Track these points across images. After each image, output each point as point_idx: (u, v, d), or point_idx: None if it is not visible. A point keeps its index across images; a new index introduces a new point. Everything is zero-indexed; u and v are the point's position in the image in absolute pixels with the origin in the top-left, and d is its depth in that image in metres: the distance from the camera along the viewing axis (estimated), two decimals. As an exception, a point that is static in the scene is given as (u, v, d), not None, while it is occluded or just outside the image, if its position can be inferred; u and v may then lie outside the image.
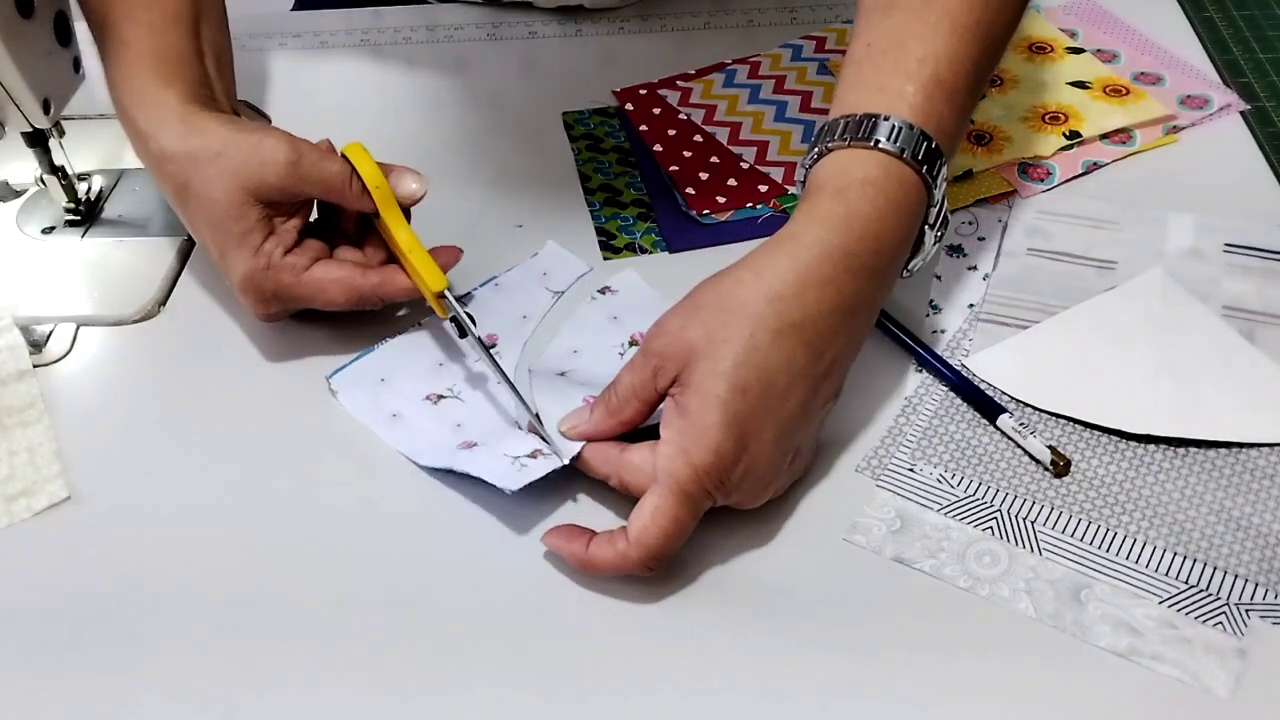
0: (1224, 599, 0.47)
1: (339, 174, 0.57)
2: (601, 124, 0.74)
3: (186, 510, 0.54)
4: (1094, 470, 0.52)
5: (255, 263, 0.57)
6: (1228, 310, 0.58)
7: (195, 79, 0.60)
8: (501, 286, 0.64)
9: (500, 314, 0.62)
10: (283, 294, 0.58)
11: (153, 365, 0.61)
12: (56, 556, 0.52)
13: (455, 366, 0.59)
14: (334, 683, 0.47)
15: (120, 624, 0.49)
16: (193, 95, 0.59)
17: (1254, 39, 2.00)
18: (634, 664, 0.47)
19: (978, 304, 0.60)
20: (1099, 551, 0.49)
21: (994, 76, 0.74)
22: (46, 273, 0.66)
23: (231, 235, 0.56)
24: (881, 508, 0.52)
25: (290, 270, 0.57)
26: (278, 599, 0.50)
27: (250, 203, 0.56)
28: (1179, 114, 0.70)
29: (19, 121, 0.62)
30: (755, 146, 0.71)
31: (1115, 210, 0.65)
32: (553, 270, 0.64)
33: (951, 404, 0.56)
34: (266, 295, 0.58)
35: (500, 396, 0.57)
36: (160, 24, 0.60)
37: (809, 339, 0.48)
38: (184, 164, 0.57)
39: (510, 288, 0.63)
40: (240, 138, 0.56)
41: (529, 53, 0.82)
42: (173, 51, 0.60)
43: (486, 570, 0.51)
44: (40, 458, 0.56)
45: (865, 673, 0.46)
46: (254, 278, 0.57)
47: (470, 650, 0.48)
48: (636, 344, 0.60)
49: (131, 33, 0.60)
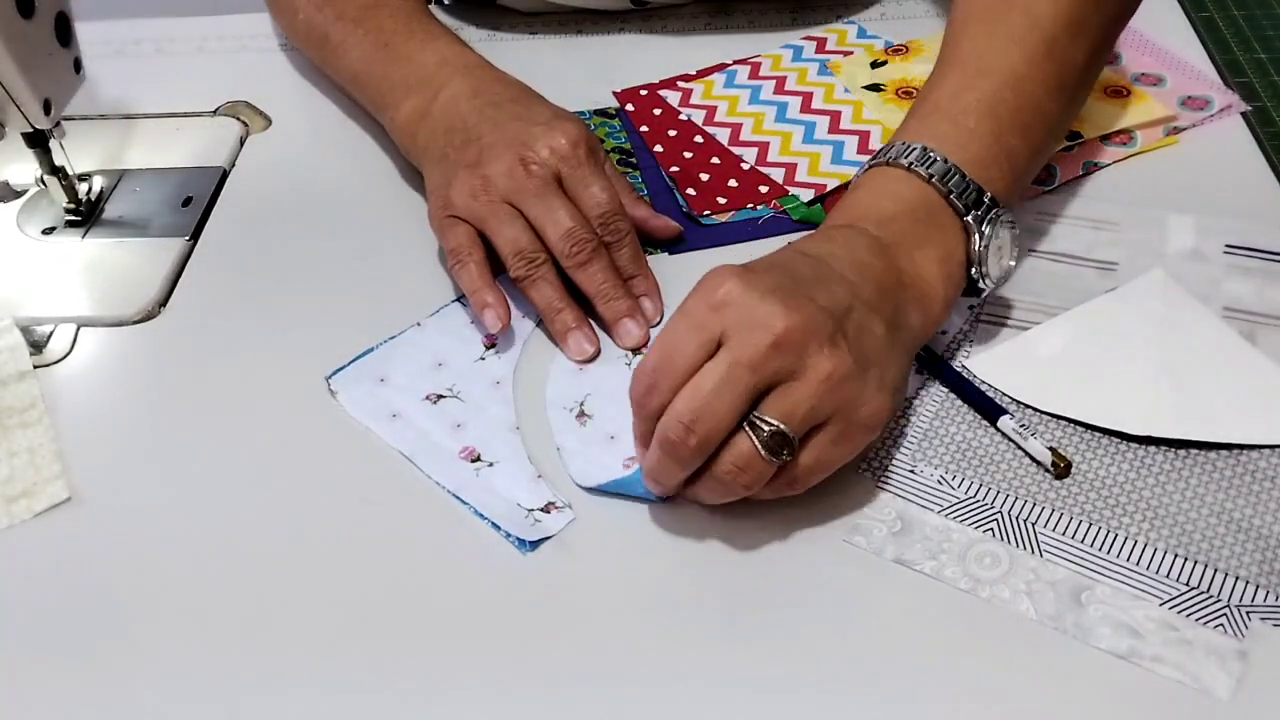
0: (1225, 601, 0.47)
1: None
2: (602, 124, 0.74)
3: (186, 510, 0.54)
4: (1095, 472, 0.52)
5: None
6: (1228, 311, 0.58)
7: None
8: (502, 285, 0.63)
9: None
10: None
11: (153, 365, 0.61)
12: (57, 557, 0.52)
13: (455, 366, 0.59)
14: (334, 682, 0.47)
15: (120, 624, 0.50)
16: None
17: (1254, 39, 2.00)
18: (634, 665, 0.47)
19: (978, 305, 0.60)
20: (1100, 553, 0.49)
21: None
22: (47, 273, 0.66)
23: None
24: (882, 509, 0.51)
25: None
26: (278, 599, 0.50)
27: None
28: (1180, 115, 0.70)
29: (19, 122, 0.62)
30: (756, 147, 0.71)
31: (1116, 211, 0.65)
32: None
33: (952, 405, 0.56)
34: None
35: (495, 400, 0.57)
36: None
37: (797, 250, 0.52)
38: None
39: (511, 286, 0.63)
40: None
41: (529, 53, 0.81)
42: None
43: (486, 570, 0.51)
44: (41, 459, 0.56)
45: (866, 674, 0.46)
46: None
47: (470, 650, 0.48)
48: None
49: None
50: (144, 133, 0.76)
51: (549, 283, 0.60)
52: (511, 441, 0.55)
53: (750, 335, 0.46)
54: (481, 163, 0.61)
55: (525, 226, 0.60)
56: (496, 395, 0.58)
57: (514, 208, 0.60)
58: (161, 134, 0.76)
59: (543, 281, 0.60)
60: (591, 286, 0.60)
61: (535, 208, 0.60)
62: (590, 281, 0.60)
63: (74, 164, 0.68)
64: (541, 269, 0.60)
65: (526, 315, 0.62)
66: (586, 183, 0.61)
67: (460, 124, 0.64)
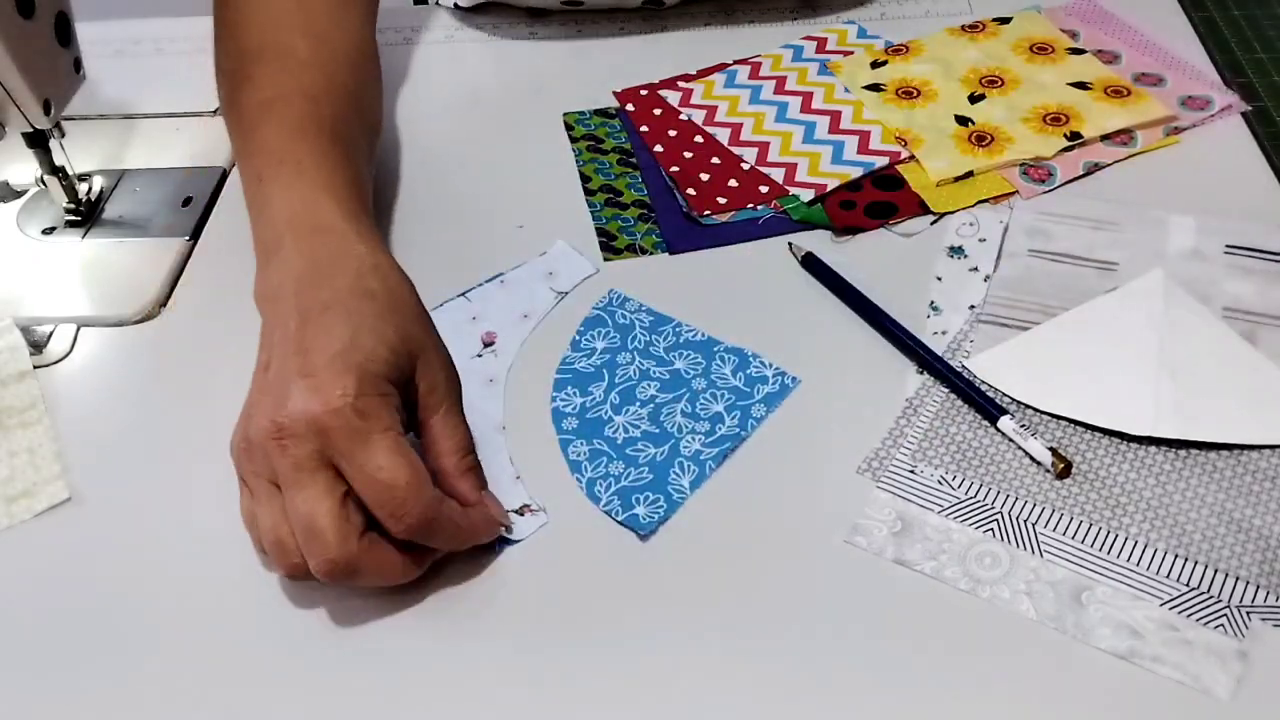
0: (1225, 601, 0.47)
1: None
2: (602, 124, 0.74)
3: (186, 510, 0.54)
4: (1095, 472, 0.52)
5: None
6: (1228, 312, 0.58)
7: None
8: (506, 283, 0.64)
9: (501, 310, 0.62)
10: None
11: (153, 365, 0.61)
12: (57, 557, 0.52)
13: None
14: (334, 683, 0.47)
15: (120, 624, 0.50)
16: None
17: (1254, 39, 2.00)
18: (633, 666, 0.47)
19: (979, 305, 0.60)
20: (1100, 553, 0.49)
21: (995, 77, 0.74)
22: (47, 273, 0.66)
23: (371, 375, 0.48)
24: (882, 509, 0.52)
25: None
26: (277, 599, 0.50)
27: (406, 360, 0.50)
28: (1180, 115, 0.70)
29: (19, 122, 0.62)
30: (756, 147, 0.71)
31: (1116, 211, 0.65)
32: (559, 270, 0.64)
33: (952, 405, 0.56)
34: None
35: (485, 397, 0.58)
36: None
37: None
38: (393, 273, 0.53)
39: (515, 285, 0.64)
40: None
41: (529, 53, 0.81)
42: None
43: (486, 570, 0.51)
44: (41, 459, 0.56)
45: (866, 674, 0.46)
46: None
47: (470, 650, 0.48)
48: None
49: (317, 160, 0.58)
50: (144, 133, 0.76)
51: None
52: (495, 440, 0.55)
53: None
54: (249, 412, 0.50)
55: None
56: (487, 393, 0.58)
57: (273, 483, 0.48)
58: (161, 134, 0.76)
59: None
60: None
61: (286, 487, 0.47)
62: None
63: (74, 164, 0.68)
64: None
65: (528, 315, 0.62)
66: (358, 458, 0.46)
67: (267, 328, 0.52)
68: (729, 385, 0.57)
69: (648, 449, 0.55)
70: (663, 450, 0.54)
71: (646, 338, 0.60)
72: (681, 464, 0.54)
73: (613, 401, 0.57)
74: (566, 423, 0.56)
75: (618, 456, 0.54)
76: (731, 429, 0.55)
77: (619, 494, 0.53)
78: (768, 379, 0.57)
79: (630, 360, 0.59)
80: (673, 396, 0.57)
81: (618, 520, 0.52)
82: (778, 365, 0.57)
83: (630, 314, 0.62)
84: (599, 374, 0.59)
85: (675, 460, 0.54)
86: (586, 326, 0.61)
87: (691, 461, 0.54)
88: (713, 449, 0.54)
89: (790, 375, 0.57)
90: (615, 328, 0.61)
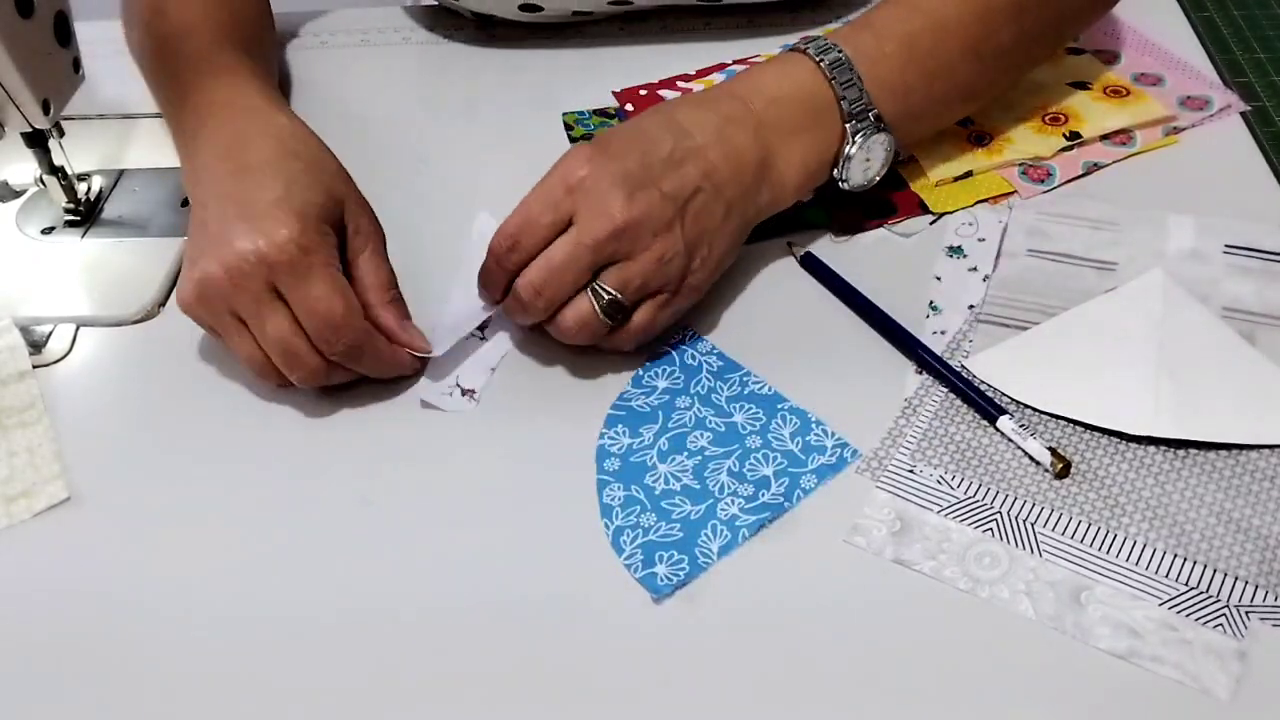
0: (1224, 601, 0.47)
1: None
2: (602, 124, 0.74)
3: (186, 511, 0.54)
4: (1094, 472, 0.52)
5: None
6: (1228, 312, 0.58)
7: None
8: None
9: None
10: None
11: (153, 365, 0.61)
12: (56, 557, 0.52)
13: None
14: (334, 684, 0.47)
15: (120, 624, 0.50)
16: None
17: (1254, 39, 2.00)
18: (633, 667, 0.47)
19: (978, 305, 0.60)
20: (1099, 553, 0.49)
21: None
22: (46, 273, 0.66)
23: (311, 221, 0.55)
24: (881, 509, 0.52)
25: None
26: (277, 599, 0.50)
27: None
28: (1179, 115, 0.70)
29: (19, 122, 0.62)
30: (755, 147, 0.71)
31: (1115, 211, 0.65)
32: None
33: (952, 405, 0.56)
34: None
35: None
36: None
37: (670, 117, 0.58)
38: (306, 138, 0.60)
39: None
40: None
41: (529, 53, 0.81)
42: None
43: (486, 571, 0.51)
44: (40, 458, 0.56)
45: (865, 674, 0.46)
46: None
47: (470, 651, 0.48)
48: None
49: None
50: (143, 133, 0.76)
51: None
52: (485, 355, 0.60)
53: (595, 221, 0.54)
54: (196, 260, 0.55)
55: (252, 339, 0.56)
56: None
57: (236, 318, 0.55)
58: (161, 134, 0.75)
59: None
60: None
61: (250, 319, 0.55)
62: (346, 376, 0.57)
63: (73, 164, 0.68)
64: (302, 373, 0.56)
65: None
66: (300, 289, 0.54)
67: (200, 194, 0.57)
68: (784, 449, 0.54)
69: (684, 505, 0.52)
70: (699, 509, 0.52)
71: (711, 383, 0.58)
72: (715, 527, 0.51)
73: (660, 448, 0.55)
74: (609, 463, 0.54)
75: (651, 507, 0.52)
76: (775, 498, 0.52)
77: (643, 548, 0.50)
78: (826, 449, 0.54)
79: (689, 404, 0.57)
80: (723, 451, 0.54)
81: (635, 577, 0.50)
82: (840, 435, 0.54)
83: (700, 355, 0.59)
84: (654, 415, 0.56)
85: (709, 522, 0.51)
86: (652, 363, 0.59)
87: (726, 526, 0.51)
88: (750, 516, 0.51)
89: (851, 448, 0.54)
90: (681, 368, 0.59)
